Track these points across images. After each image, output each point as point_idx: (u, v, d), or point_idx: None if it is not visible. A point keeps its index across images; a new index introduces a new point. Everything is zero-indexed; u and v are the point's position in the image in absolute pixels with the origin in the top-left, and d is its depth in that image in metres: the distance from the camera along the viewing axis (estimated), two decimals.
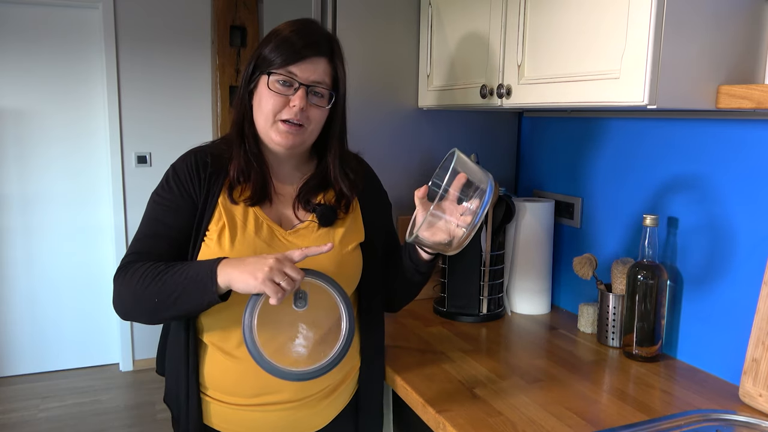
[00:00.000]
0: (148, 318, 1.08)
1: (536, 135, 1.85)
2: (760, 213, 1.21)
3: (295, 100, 1.08)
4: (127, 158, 3.60)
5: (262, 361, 1.00)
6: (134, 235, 1.14)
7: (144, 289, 1.04)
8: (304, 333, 1.03)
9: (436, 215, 1.05)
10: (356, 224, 1.21)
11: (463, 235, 1.04)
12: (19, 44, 3.38)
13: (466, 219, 1.03)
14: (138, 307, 1.07)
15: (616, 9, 1.08)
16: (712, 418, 1.12)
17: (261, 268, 0.96)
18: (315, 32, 1.12)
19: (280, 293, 0.96)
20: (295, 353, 1.02)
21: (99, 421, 3.08)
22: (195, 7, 3.60)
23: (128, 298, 1.07)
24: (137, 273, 1.06)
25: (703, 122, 1.32)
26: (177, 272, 1.04)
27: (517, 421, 1.09)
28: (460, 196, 1.04)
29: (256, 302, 1.01)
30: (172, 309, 1.04)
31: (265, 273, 0.96)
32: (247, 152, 1.14)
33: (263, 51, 1.11)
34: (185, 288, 1.02)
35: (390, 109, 1.72)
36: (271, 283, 0.96)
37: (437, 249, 1.11)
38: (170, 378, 1.22)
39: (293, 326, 1.03)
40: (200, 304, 1.02)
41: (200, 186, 1.12)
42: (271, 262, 0.97)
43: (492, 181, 1.04)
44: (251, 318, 1.00)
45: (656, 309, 1.34)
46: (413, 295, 1.31)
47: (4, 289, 3.53)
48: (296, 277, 0.98)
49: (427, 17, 1.68)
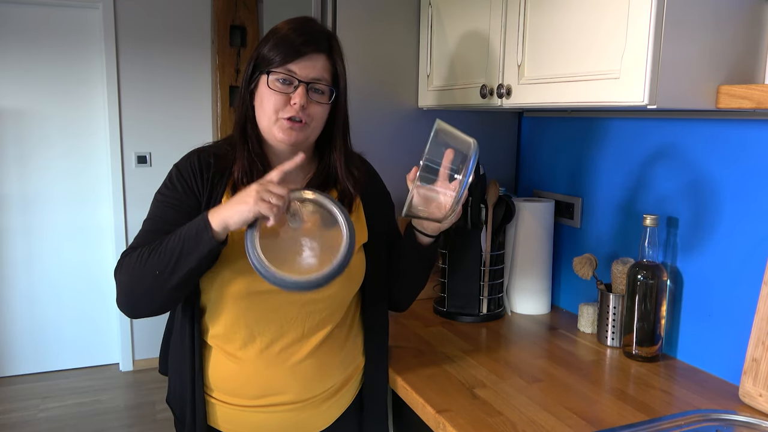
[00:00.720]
0: (152, 300, 1.05)
1: (536, 135, 1.85)
2: (760, 213, 1.21)
3: (296, 98, 1.08)
4: (127, 158, 3.60)
5: (276, 278, 1.00)
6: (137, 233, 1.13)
7: (142, 267, 1.02)
8: (309, 244, 1.06)
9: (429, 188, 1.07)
10: (359, 225, 1.21)
11: (454, 201, 1.06)
12: (19, 44, 3.38)
13: (454, 185, 1.05)
14: (139, 289, 1.04)
15: (617, 9, 1.08)
16: (712, 418, 1.12)
17: (248, 194, 0.99)
18: (313, 29, 1.12)
19: (274, 209, 0.98)
20: (306, 265, 1.04)
21: (99, 421, 3.09)
22: (195, 7, 3.60)
23: (128, 284, 1.05)
24: (133, 258, 1.04)
25: (703, 122, 1.32)
26: (169, 240, 1.03)
27: (517, 421, 1.09)
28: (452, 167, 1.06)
29: (253, 230, 1.02)
30: (174, 276, 1.01)
31: (253, 196, 0.98)
32: (251, 153, 1.14)
33: (262, 50, 1.11)
34: (183, 248, 1.01)
35: (390, 109, 1.72)
36: (262, 202, 0.97)
37: (433, 220, 1.12)
38: (174, 379, 1.22)
39: (296, 242, 1.05)
40: (202, 257, 1.01)
41: (203, 186, 1.12)
42: (255, 186, 0.99)
43: (475, 146, 1.06)
44: (254, 244, 1.01)
45: (656, 309, 1.34)
46: (419, 287, 1.31)
47: (4, 289, 3.53)
48: (282, 193, 0.99)
49: (427, 17, 1.68)
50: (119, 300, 1.08)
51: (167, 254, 1.01)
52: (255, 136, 1.15)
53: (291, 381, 1.14)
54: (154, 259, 1.02)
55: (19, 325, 3.57)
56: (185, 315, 1.15)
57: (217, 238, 1.00)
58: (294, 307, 1.13)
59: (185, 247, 1.01)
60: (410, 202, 1.07)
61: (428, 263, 1.26)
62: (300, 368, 1.14)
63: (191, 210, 1.11)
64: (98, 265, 3.66)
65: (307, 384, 1.15)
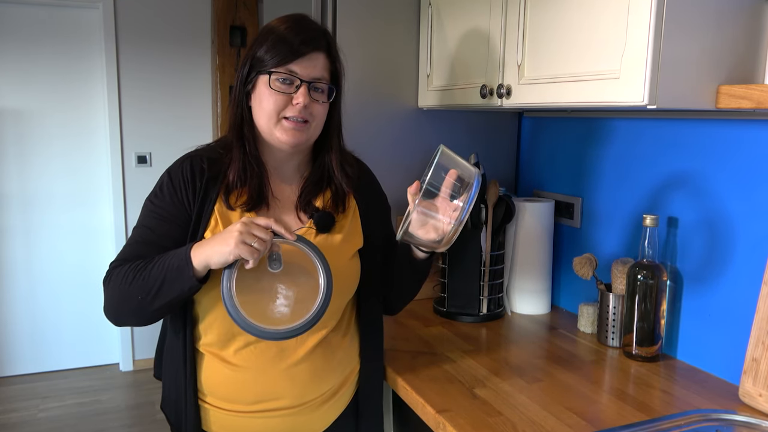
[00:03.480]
0: (136, 318, 1.09)
1: (536, 135, 1.85)
2: (759, 212, 1.21)
3: (299, 98, 1.08)
4: (127, 158, 3.60)
5: (245, 323, 1.01)
6: (127, 239, 1.14)
7: (127, 288, 1.05)
8: (284, 293, 1.05)
9: (427, 213, 1.06)
10: (355, 229, 1.20)
11: (451, 230, 1.05)
12: (19, 44, 3.37)
13: (454, 215, 1.04)
14: (124, 308, 1.08)
15: (616, 9, 1.08)
16: (712, 418, 1.12)
17: (231, 235, 0.99)
18: (310, 28, 1.11)
19: (255, 254, 0.98)
20: (278, 313, 1.04)
21: (99, 421, 3.08)
22: (195, 7, 3.60)
23: (114, 301, 1.09)
24: (120, 275, 1.07)
25: (703, 122, 1.32)
26: (154, 266, 1.04)
27: (517, 421, 1.09)
28: (452, 194, 1.05)
29: (231, 270, 1.02)
30: (155, 302, 1.04)
31: (235, 238, 0.98)
32: (247, 155, 1.13)
33: (258, 51, 1.10)
34: (164, 279, 1.03)
35: (390, 110, 1.72)
36: (243, 246, 0.98)
37: (429, 247, 1.12)
38: (167, 385, 1.21)
39: (272, 288, 1.05)
40: (182, 291, 1.03)
41: (195, 194, 1.11)
42: (239, 227, 0.99)
43: (479, 175, 1.05)
44: (229, 285, 1.01)
45: (656, 309, 1.34)
46: (411, 296, 1.31)
47: (4, 289, 3.53)
48: (265, 237, 0.99)
49: (427, 17, 1.68)
50: (106, 310, 1.11)
51: (150, 281, 1.04)
52: (252, 137, 1.14)
53: (286, 386, 1.13)
54: (138, 284, 1.04)
55: (18, 325, 3.57)
56: (178, 322, 1.14)
57: (197, 276, 1.02)
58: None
59: (167, 278, 1.03)
60: (409, 222, 1.06)
61: (422, 276, 1.25)
62: (295, 373, 1.14)
63: (179, 222, 1.10)
64: (98, 264, 3.66)
65: (303, 388, 1.15)
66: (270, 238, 1.01)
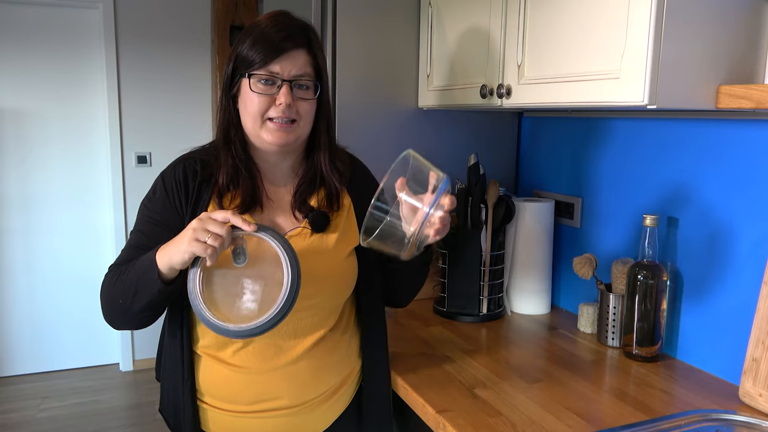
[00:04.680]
0: (126, 321, 1.09)
1: (536, 135, 1.85)
2: (760, 213, 1.21)
3: (281, 98, 1.06)
4: (127, 158, 3.60)
5: (210, 323, 0.98)
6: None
7: (110, 291, 1.07)
8: (251, 287, 1.00)
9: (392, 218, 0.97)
10: (350, 227, 1.19)
11: (412, 235, 0.97)
12: (19, 44, 3.38)
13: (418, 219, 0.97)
14: (111, 311, 1.09)
15: (616, 8, 1.08)
16: (712, 418, 1.12)
17: (185, 233, 0.97)
18: (289, 24, 1.09)
19: (209, 250, 0.95)
20: (245, 310, 0.99)
21: (99, 421, 3.09)
22: (195, 7, 3.60)
23: (104, 305, 1.10)
24: (107, 280, 1.09)
25: (703, 122, 1.32)
26: (130, 270, 1.05)
27: (517, 421, 1.09)
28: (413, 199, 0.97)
29: (195, 269, 0.99)
30: (134, 306, 1.04)
31: (188, 236, 0.96)
32: (235, 158, 1.12)
33: (241, 51, 1.08)
34: (137, 282, 1.03)
35: (390, 110, 1.72)
36: (196, 243, 0.95)
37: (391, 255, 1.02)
38: (166, 386, 1.21)
39: (238, 283, 1.01)
40: (153, 294, 1.02)
41: (188, 198, 1.11)
42: (193, 224, 0.97)
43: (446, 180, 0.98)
44: (194, 284, 0.99)
45: (656, 309, 1.34)
46: (415, 290, 1.30)
47: (4, 289, 3.53)
48: (220, 232, 0.96)
49: (427, 17, 1.68)
50: (102, 313, 1.12)
51: (126, 285, 1.04)
52: (239, 140, 1.12)
53: (285, 385, 1.13)
54: (118, 288, 1.05)
55: (18, 325, 3.57)
56: (175, 325, 1.14)
57: (163, 278, 1.01)
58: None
59: (139, 281, 1.03)
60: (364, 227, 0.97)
61: (422, 269, 1.25)
62: (294, 372, 1.13)
63: (172, 226, 1.10)
64: (98, 265, 3.66)
65: (302, 388, 1.14)
66: (226, 232, 0.97)
